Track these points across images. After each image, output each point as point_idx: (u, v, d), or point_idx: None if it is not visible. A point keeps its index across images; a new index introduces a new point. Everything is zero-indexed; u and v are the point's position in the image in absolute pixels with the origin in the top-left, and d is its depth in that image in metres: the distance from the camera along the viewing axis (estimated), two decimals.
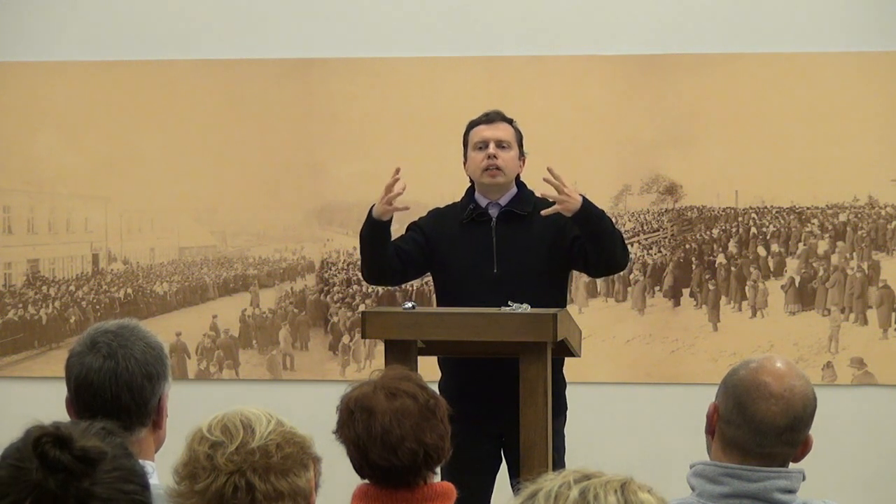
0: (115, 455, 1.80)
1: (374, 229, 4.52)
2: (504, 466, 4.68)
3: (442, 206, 4.79)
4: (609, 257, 4.53)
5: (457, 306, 4.50)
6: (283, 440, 2.43)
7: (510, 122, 4.71)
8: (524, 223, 4.61)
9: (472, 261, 4.58)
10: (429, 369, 4.34)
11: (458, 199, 4.75)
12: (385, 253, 4.55)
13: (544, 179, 4.42)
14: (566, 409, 4.68)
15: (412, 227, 4.73)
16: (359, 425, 2.91)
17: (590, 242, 4.48)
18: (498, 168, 4.61)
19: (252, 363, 6.40)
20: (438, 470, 3.04)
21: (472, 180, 4.72)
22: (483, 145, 4.63)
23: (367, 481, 2.99)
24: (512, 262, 4.56)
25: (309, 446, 2.48)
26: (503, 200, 4.66)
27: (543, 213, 4.45)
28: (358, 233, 4.66)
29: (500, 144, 4.63)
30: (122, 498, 1.78)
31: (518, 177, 4.70)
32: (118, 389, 2.76)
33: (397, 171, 4.46)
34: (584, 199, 4.43)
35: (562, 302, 4.61)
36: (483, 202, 4.66)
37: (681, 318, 6.19)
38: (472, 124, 4.72)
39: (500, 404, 4.46)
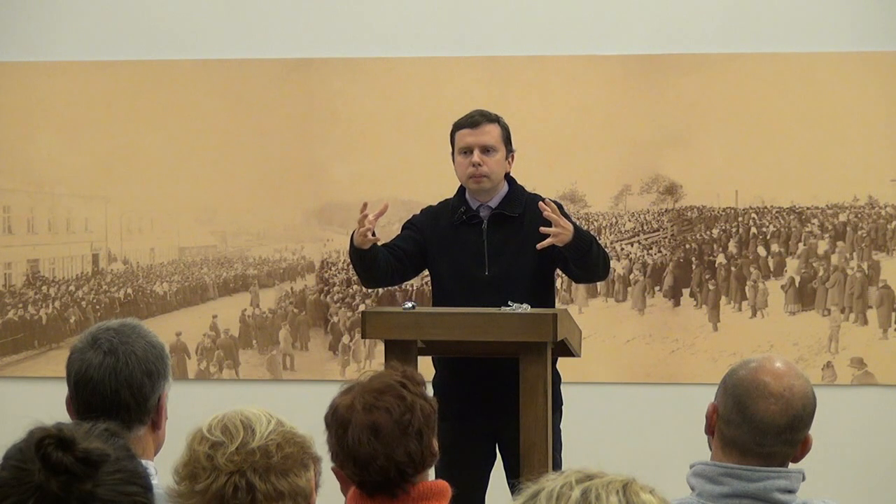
0: (118, 457, 1.80)
1: (360, 255, 4.48)
2: (499, 465, 4.68)
3: (435, 204, 4.78)
4: (591, 276, 4.67)
5: (449, 307, 4.50)
6: (284, 440, 2.43)
7: (496, 119, 4.66)
8: (515, 224, 4.61)
9: (464, 263, 4.58)
10: (424, 367, 4.33)
11: None
12: (377, 267, 4.53)
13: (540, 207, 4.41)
14: (562, 404, 4.68)
15: (408, 226, 4.73)
16: (332, 438, 2.88)
17: (575, 265, 4.51)
18: (483, 175, 4.60)
19: (252, 363, 6.39)
20: (432, 469, 3.02)
21: None
22: (468, 151, 4.62)
23: None
24: (503, 264, 4.56)
25: (309, 446, 2.48)
26: (493, 202, 4.65)
27: (538, 246, 4.42)
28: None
29: (484, 150, 4.60)
30: (124, 500, 1.78)
31: (508, 174, 4.69)
32: (118, 385, 2.77)
33: (364, 206, 4.39)
34: (575, 229, 4.41)
35: (551, 301, 4.64)
36: (474, 204, 4.65)
37: (681, 318, 6.19)
38: (457, 126, 4.67)
39: (495, 402, 4.47)
